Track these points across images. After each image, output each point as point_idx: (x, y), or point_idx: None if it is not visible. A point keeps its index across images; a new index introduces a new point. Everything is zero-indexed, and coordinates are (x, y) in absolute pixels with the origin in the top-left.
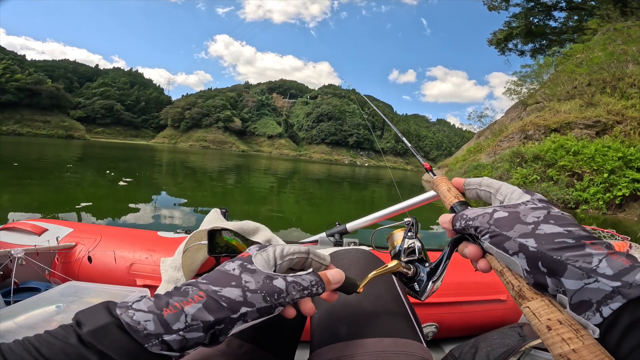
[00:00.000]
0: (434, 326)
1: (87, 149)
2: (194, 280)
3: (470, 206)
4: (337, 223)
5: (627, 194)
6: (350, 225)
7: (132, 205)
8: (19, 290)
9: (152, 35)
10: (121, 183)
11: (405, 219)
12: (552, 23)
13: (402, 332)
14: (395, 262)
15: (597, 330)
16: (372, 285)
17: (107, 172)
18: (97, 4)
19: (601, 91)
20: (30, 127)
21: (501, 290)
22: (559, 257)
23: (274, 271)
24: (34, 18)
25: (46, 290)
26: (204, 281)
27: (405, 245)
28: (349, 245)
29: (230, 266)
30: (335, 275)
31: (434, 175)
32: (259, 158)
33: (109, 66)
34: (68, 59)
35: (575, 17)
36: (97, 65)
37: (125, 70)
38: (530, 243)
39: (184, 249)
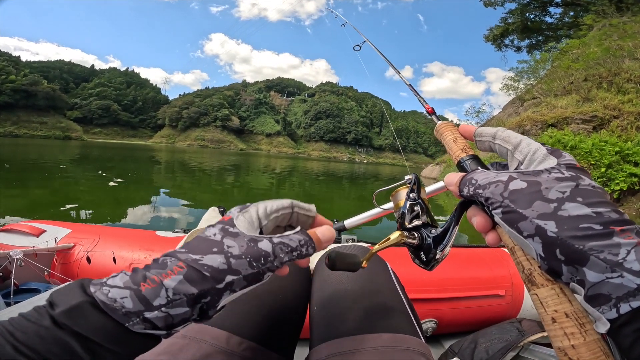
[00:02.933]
0: (433, 322)
1: (84, 149)
2: (171, 251)
3: (481, 163)
4: (335, 220)
5: (624, 188)
6: (348, 222)
7: (120, 206)
8: (18, 291)
9: (147, 35)
10: (111, 184)
11: (406, 177)
12: (548, 19)
13: (400, 327)
14: (397, 233)
15: (608, 325)
16: (369, 281)
17: (100, 172)
18: (88, 4)
19: (597, 86)
20: (26, 129)
21: (500, 286)
22: (581, 247)
23: (260, 233)
24: (26, 19)
25: (46, 291)
26: (183, 250)
27: (407, 208)
28: (347, 242)
29: (211, 231)
30: (325, 232)
31: (438, 120)
32: (258, 156)
33: (105, 66)
34: (63, 60)
35: (571, 13)
36: (92, 65)
37: (121, 70)
38: (550, 227)
39: None
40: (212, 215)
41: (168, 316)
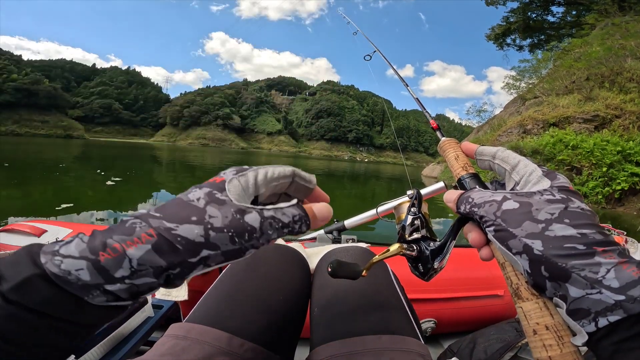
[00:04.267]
0: (432, 322)
1: (85, 148)
2: (144, 211)
3: (480, 182)
4: (335, 220)
5: (626, 188)
6: (348, 222)
7: (115, 206)
8: None
9: (147, 34)
10: (109, 183)
11: (408, 192)
12: (550, 18)
13: (400, 328)
14: (397, 245)
15: (586, 338)
16: (369, 282)
17: (98, 171)
18: (88, 2)
19: (599, 85)
20: (28, 128)
21: (499, 286)
22: (564, 265)
23: (254, 200)
24: (26, 17)
25: None
26: (157, 214)
27: (408, 222)
28: (347, 242)
29: (195, 194)
30: (322, 210)
31: (442, 135)
32: (259, 155)
33: (106, 65)
34: (64, 59)
35: (573, 12)
36: (94, 64)
37: (123, 69)
38: (537, 246)
39: None
40: None
41: (132, 286)
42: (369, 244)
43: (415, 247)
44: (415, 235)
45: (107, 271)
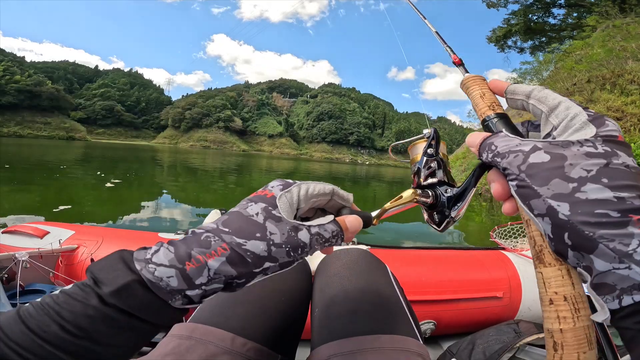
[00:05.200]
0: (432, 323)
1: (86, 150)
2: (214, 226)
3: (509, 124)
4: None
5: None
6: None
7: (114, 208)
8: (24, 292)
9: (149, 36)
10: (108, 184)
11: (425, 131)
12: (551, 20)
13: (399, 329)
14: (410, 191)
15: (607, 315)
16: (369, 284)
17: (98, 173)
18: (91, 4)
19: (601, 88)
20: (31, 129)
21: (498, 288)
22: (591, 234)
23: (296, 214)
24: (29, 19)
25: (51, 292)
26: (227, 229)
27: (424, 164)
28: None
29: (253, 209)
30: (354, 223)
31: (466, 72)
32: (260, 157)
33: (108, 67)
34: (67, 60)
35: (574, 14)
36: (96, 66)
37: (125, 71)
38: (563, 209)
39: None
40: (214, 218)
41: (205, 291)
42: (369, 246)
43: (430, 194)
44: (431, 180)
45: (191, 279)
